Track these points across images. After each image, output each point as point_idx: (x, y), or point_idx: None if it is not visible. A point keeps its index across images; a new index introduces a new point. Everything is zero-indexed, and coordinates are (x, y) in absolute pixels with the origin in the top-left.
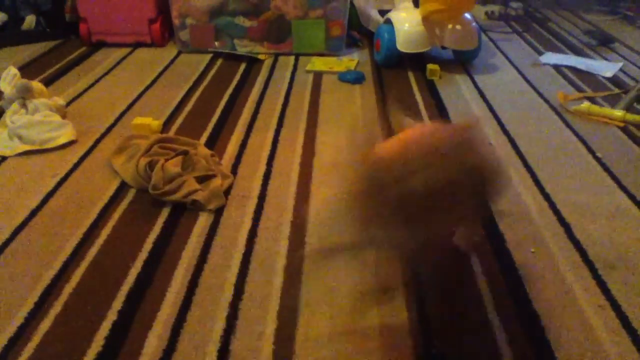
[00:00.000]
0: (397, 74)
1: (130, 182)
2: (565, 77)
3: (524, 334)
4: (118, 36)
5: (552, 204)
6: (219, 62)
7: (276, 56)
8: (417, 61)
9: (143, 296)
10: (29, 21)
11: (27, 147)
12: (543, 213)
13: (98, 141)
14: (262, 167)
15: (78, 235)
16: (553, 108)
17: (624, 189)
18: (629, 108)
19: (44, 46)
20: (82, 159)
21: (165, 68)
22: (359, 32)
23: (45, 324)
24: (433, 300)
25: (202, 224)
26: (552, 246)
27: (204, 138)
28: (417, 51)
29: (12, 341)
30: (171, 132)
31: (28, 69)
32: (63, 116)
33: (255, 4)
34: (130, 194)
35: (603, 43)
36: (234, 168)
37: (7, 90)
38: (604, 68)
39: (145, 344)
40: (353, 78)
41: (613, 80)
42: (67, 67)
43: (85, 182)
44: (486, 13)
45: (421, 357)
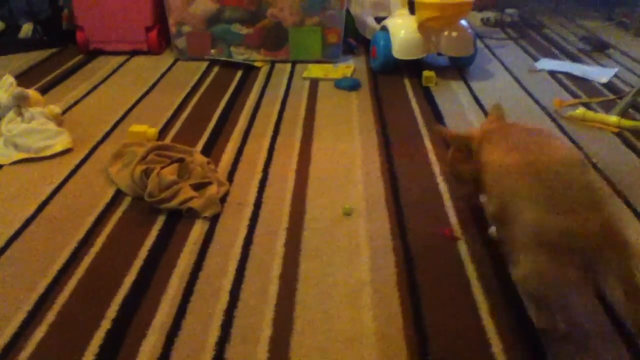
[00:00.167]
0: (393, 81)
1: (126, 190)
2: (560, 83)
3: (519, 341)
4: (115, 44)
5: None
6: (216, 70)
7: (273, 63)
8: (413, 68)
9: (138, 304)
10: (26, 29)
11: (23, 155)
12: None
13: (94, 149)
14: (258, 175)
15: (73, 243)
16: (548, 114)
17: (619, 194)
18: (624, 114)
19: (41, 54)
20: (78, 167)
21: (162, 76)
22: (355, 39)
23: (39, 333)
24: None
25: (198, 232)
26: None
27: (200, 145)
28: (413, 58)
29: (6, 350)
30: (167, 140)
31: (24, 77)
32: (59, 124)
33: (252, 12)
34: (126, 202)
35: (598, 49)
36: (230, 175)
37: (3, 98)
38: (599, 74)
39: (139, 352)
40: (349, 85)
41: (608, 86)
42: (64, 75)
43: (81, 190)
44: (482, 20)
45: None
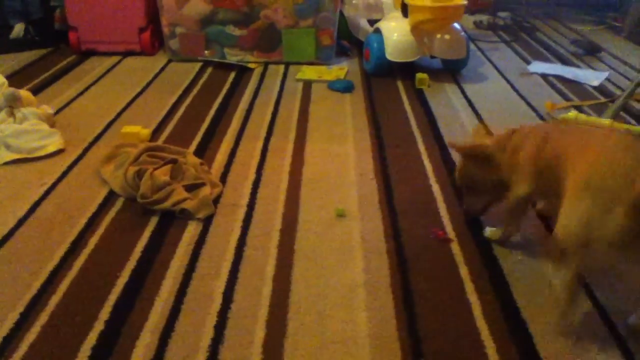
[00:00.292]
0: (386, 83)
1: (118, 191)
2: (552, 86)
3: (513, 342)
4: (108, 45)
5: (539, 212)
6: (209, 71)
7: (266, 65)
8: (406, 70)
9: (131, 305)
10: (18, 29)
11: (15, 156)
12: (530, 221)
13: (86, 150)
14: (252, 176)
15: (66, 244)
16: (541, 116)
17: None
18: (616, 117)
19: (33, 55)
20: (71, 168)
21: (155, 77)
22: (349, 42)
23: (32, 334)
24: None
25: (191, 233)
26: (539, 253)
27: (193, 146)
28: (406, 60)
29: None
30: (160, 141)
31: (16, 78)
32: (51, 125)
33: (245, 13)
34: (118, 203)
35: (590, 52)
36: (223, 177)
37: None
38: (591, 77)
39: (132, 354)
40: (342, 87)
41: (600, 89)
42: (56, 76)
43: (73, 191)
44: (475, 23)
45: None
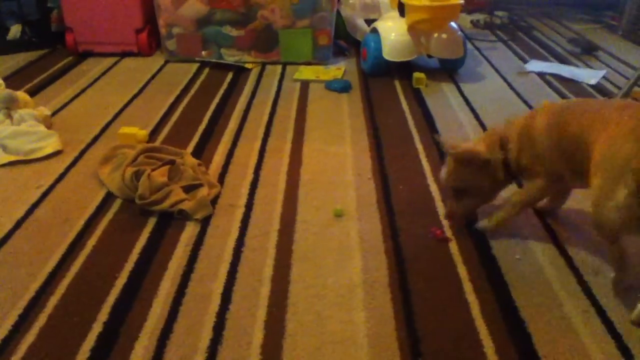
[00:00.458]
0: (384, 83)
1: (116, 192)
2: (550, 85)
3: (511, 341)
4: (105, 46)
5: (538, 211)
6: (206, 71)
7: (264, 65)
8: (404, 70)
9: (129, 307)
10: (14, 31)
11: (12, 158)
12: (529, 220)
13: (84, 151)
14: (249, 176)
15: (63, 246)
16: None
17: None
18: None
19: (30, 56)
20: (68, 169)
21: (152, 77)
22: (346, 41)
23: (30, 337)
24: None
25: (189, 234)
26: (538, 252)
27: (191, 147)
28: (404, 60)
29: None
30: (158, 142)
31: (13, 79)
32: (49, 126)
33: (242, 14)
34: (116, 204)
35: (587, 51)
36: (221, 177)
37: None
38: (588, 76)
39: (131, 355)
40: (340, 87)
41: (597, 87)
42: (53, 77)
43: (71, 193)
44: (472, 22)
45: None
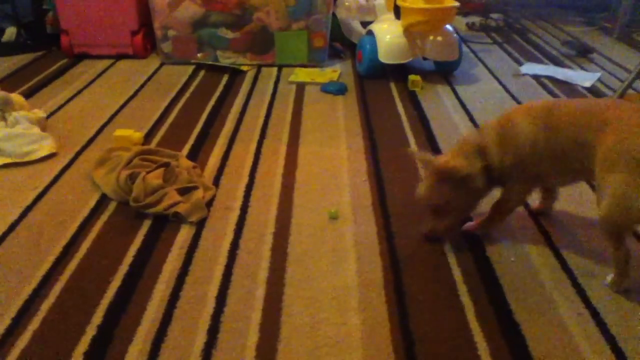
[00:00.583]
0: (379, 85)
1: (111, 195)
2: (545, 87)
3: (505, 343)
4: (100, 48)
5: (532, 213)
6: (202, 74)
7: (259, 67)
8: (399, 72)
9: (123, 310)
10: (9, 33)
11: (7, 160)
12: (523, 222)
13: (79, 154)
14: (245, 179)
15: (57, 249)
16: None
17: None
18: None
19: (25, 58)
20: (63, 172)
21: (147, 80)
22: (342, 44)
23: (23, 340)
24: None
25: (184, 237)
26: (532, 255)
27: (186, 150)
28: (399, 62)
29: None
30: (153, 144)
31: (8, 81)
32: (43, 129)
33: (238, 16)
34: (111, 207)
35: (581, 54)
36: (216, 180)
37: None
38: (583, 78)
39: (125, 359)
40: (335, 89)
41: (591, 90)
42: (48, 79)
43: (65, 195)
44: (467, 24)
45: None
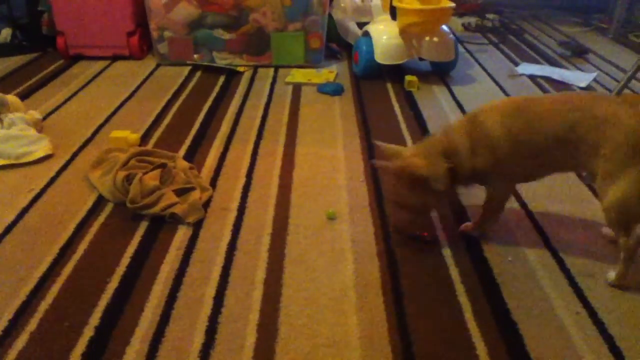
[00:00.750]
0: (376, 86)
1: (107, 196)
2: (541, 87)
3: (503, 343)
4: (96, 49)
5: (530, 213)
6: (198, 75)
7: (255, 68)
8: (395, 73)
9: (121, 312)
10: (5, 34)
11: (3, 162)
12: (521, 222)
13: (75, 155)
14: (242, 180)
15: (54, 250)
16: None
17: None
18: None
19: (21, 59)
20: (59, 173)
21: (143, 81)
22: (338, 45)
23: (20, 342)
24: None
25: (181, 238)
26: (530, 255)
27: (183, 151)
28: (395, 63)
29: None
30: (149, 145)
31: (4, 83)
32: (39, 130)
33: (234, 17)
34: (107, 208)
35: (577, 54)
36: (213, 181)
37: None
38: (579, 78)
39: None
40: (332, 90)
41: (587, 90)
42: (44, 81)
43: (61, 197)
44: (463, 25)
45: None
